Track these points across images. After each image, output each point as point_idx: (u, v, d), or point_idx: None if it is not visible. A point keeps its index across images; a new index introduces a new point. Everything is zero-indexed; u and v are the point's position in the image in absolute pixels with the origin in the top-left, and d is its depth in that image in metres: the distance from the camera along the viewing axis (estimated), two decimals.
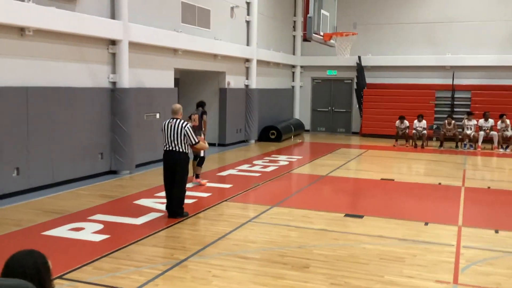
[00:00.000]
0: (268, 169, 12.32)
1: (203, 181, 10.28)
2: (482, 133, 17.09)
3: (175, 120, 7.69)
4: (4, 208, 8.15)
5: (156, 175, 10.31)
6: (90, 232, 6.93)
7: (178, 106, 7.92)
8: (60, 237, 6.71)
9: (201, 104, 10.76)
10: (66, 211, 7.99)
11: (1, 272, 2.38)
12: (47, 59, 9.59)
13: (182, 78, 16.57)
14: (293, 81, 22.98)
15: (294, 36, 22.54)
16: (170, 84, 13.50)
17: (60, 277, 5.29)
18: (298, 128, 20.96)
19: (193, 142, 7.72)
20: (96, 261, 5.81)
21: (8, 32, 8.77)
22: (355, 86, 21.75)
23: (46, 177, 9.60)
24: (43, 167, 9.51)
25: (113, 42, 11.13)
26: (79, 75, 10.39)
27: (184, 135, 7.60)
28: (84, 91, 10.47)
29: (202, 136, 10.01)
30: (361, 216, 7.98)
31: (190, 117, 10.33)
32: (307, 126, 22.87)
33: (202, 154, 10.16)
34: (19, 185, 9.03)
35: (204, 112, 10.57)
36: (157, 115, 12.61)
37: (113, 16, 11.07)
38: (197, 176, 10.29)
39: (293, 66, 22.74)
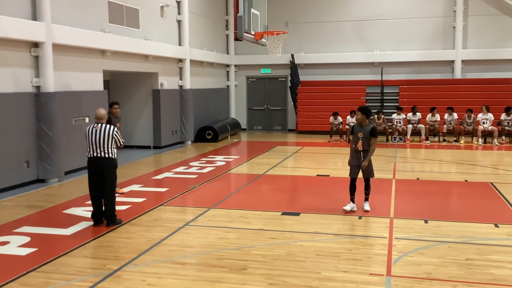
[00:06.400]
0: (205, 170, 12.20)
1: (121, 190, 9.74)
2: (410, 126, 17.82)
3: (100, 124, 7.40)
4: None
5: (87, 182, 9.93)
6: (16, 245, 6.57)
7: (103, 112, 7.60)
8: None
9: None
10: None
11: None
12: None
13: (113, 80, 16.09)
14: (228, 80, 22.93)
15: (227, 35, 22.48)
16: (99, 86, 13.05)
17: None
18: (235, 127, 20.94)
19: (121, 144, 7.54)
20: (23, 276, 5.50)
21: None
22: (289, 84, 22.02)
23: None
24: None
25: (35, 45, 10.59)
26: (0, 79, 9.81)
27: (113, 138, 7.36)
28: (6, 96, 9.90)
29: None
30: (297, 214, 8.04)
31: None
32: (244, 125, 22.91)
33: None
34: None
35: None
36: (86, 119, 12.14)
37: (34, 17, 10.53)
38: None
39: (228, 66, 22.69)
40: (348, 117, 18.28)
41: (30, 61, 10.58)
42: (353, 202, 8.06)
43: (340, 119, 18.46)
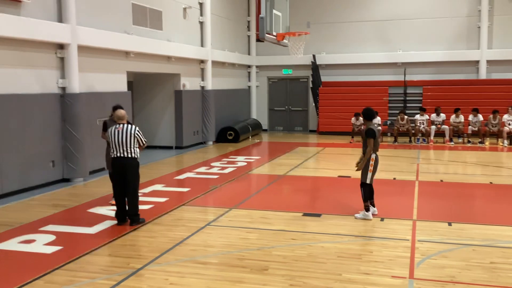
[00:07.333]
0: (226, 171, 12.25)
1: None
2: (433, 127, 17.60)
3: (122, 125, 7.50)
4: None
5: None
6: (41, 244, 6.69)
7: (123, 112, 7.71)
8: (10, 250, 6.45)
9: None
10: (16, 223, 7.68)
11: None
12: None
13: (136, 81, 16.28)
14: (249, 81, 22.98)
15: (248, 36, 22.53)
16: (123, 87, 13.22)
17: None
18: (256, 128, 20.97)
19: (144, 143, 7.59)
20: (48, 274, 5.60)
21: None
22: (310, 85, 21.96)
23: None
24: None
25: (61, 46, 10.79)
26: (26, 81, 10.02)
27: (135, 137, 7.44)
28: (32, 97, 10.11)
29: None
30: (319, 215, 8.03)
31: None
32: (265, 125, 22.92)
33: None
34: None
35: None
36: None
37: (60, 19, 10.73)
38: None
39: (249, 66, 22.74)
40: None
41: (56, 63, 10.78)
42: (373, 205, 7.98)
43: (361, 120, 18.31)
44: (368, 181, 7.81)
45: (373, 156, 7.78)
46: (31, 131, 10.07)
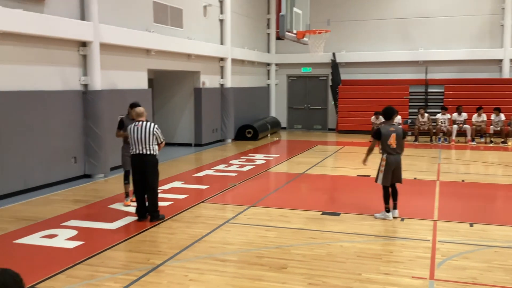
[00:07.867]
0: (245, 169, 12.27)
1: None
2: (455, 126, 17.37)
3: (141, 122, 7.56)
4: None
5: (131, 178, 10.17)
6: (63, 238, 6.79)
7: (142, 109, 7.77)
8: (33, 245, 6.56)
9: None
10: (38, 218, 7.81)
11: None
12: (15, 63, 9.36)
13: (156, 79, 16.40)
14: (268, 79, 22.96)
15: (268, 34, 22.50)
16: (144, 85, 13.34)
17: (33, 287, 5.15)
18: (275, 126, 20.96)
19: (162, 141, 7.63)
20: (70, 268, 5.69)
21: None
22: (330, 83, 21.85)
23: (17, 183, 9.38)
24: (15, 173, 9.29)
25: (83, 44, 10.92)
26: (49, 78, 10.17)
27: (153, 135, 7.50)
28: (55, 94, 10.26)
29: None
30: (338, 214, 8.00)
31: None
32: (284, 123, 22.89)
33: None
34: None
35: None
36: None
37: (83, 17, 10.86)
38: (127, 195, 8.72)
39: (268, 64, 22.72)
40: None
41: (78, 60, 10.93)
42: (389, 209, 7.75)
43: (382, 118, 18.15)
44: (378, 182, 7.74)
45: (384, 156, 7.71)
46: (54, 127, 10.23)
